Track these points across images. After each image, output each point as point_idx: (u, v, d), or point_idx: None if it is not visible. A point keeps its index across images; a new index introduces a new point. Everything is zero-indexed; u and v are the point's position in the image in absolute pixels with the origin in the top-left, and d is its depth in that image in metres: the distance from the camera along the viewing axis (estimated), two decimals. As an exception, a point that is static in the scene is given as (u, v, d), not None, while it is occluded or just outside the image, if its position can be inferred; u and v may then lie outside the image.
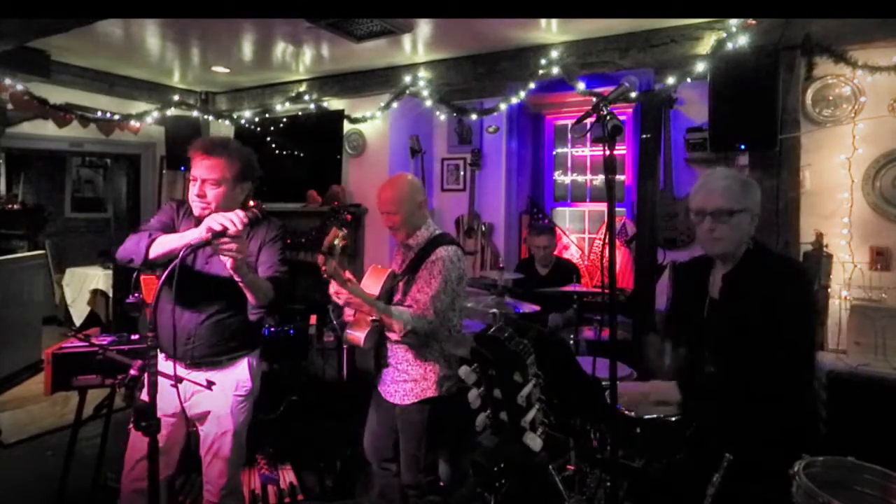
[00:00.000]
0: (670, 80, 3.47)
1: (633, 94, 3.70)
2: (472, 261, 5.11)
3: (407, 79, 4.38)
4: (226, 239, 1.85)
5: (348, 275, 2.23)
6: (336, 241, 2.14)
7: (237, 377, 2.26)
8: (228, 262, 1.91)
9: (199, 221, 2.10)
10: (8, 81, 4.09)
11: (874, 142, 3.17)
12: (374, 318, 2.35)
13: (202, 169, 2.10)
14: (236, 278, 1.99)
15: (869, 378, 2.78)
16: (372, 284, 2.49)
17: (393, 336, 2.40)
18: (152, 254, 2.02)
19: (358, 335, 2.44)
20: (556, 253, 4.28)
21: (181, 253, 1.75)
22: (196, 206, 2.15)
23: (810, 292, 1.83)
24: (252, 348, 2.33)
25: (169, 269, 1.69)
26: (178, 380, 1.74)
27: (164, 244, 2.02)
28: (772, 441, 1.67)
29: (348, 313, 2.49)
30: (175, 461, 2.33)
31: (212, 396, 2.14)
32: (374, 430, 2.65)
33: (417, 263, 2.39)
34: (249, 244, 2.17)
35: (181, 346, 2.13)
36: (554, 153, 5.65)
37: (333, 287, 2.24)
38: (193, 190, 2.13)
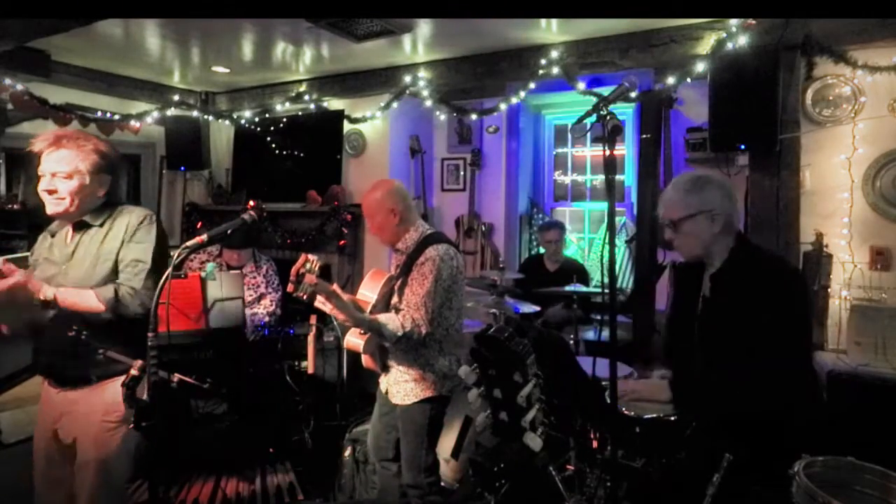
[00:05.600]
0: (670, 80, 3.47)
1: (633, 94, 3.68)
2: (472, 261, 5.11)
3: (407, 79, 4.38)
4: None
5: (336, 288, 2.19)
6: (307, 266, 2.09)
7: (106, 399, 1.97)
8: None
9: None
10: (8, 81, 4.09)
11: (874, 142, 3.16)
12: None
13: (51, 162, 1.92)
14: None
15: (869, 378, 2.78)
16: (370, 289, 2.50)
17: (387, 344, 2.41)
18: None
19: (357, 342, 2.45)
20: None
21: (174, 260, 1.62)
22: (49, 204, 1.95)
23: (795, 287, 1.81)
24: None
25: (164, 278, 1.57)
26: (179, 382, 1.73)
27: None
28: (764, 439, 1.67)
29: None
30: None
31: (78, 420, 1.97)
32: (376, 428, 2.67)
33: (409, 265, 2.39)
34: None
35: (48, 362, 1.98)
36: (554, 153, 5.65)
37: (320, 299, 2.20)
38: (41, 186, 1.94)
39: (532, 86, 3.92)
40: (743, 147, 3.29)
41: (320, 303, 2.21)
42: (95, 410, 1.96)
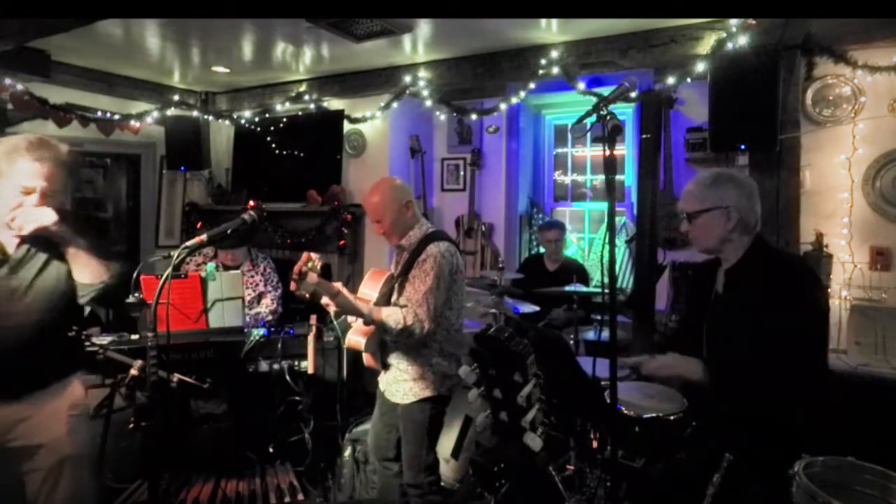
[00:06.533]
0: (670, 80, 3.47)
1: (633, 94, 3.68)
2: (472, 261, 5.10)
3: (407, 79, 4.38)
4: None
5: (338, 286, 2.24)
6: (309, 265, 2.12)
7: (69, 394, 2.02)
8: None
9: None
10: (8, 81, 4.09)
11: (874, 142, 3.17)
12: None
13: (39, 178, 1.81)
14: None
15: (869, 378, 2.79)
16: (370, 288, 2.50)
17: (389, 338, 2.42)
18: None
19: (359, 340, 2.46)
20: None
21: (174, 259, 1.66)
22: (31, 223, 1.81)
23: (810, 288, 1.82)
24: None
25: (164, 278, 1.61)
26: (179, 382, 1.74)
27: None
28: (763, 439, 1.67)
29: (350, 318, 2.51)
30: None
31: (44, 422, 1.93)
32: (376, 427, 2.67)
33: (411, 263, 2.40)
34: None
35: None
36: (554, 153, 5.64)
37: (325, 299, 2.26)
38: (29, 200, 1.81)
39: (532, 86, 3.91)
40: (743, 147, 3.29)
41: (323, 303, 2.24)
42: (61, 407, 1.97)
